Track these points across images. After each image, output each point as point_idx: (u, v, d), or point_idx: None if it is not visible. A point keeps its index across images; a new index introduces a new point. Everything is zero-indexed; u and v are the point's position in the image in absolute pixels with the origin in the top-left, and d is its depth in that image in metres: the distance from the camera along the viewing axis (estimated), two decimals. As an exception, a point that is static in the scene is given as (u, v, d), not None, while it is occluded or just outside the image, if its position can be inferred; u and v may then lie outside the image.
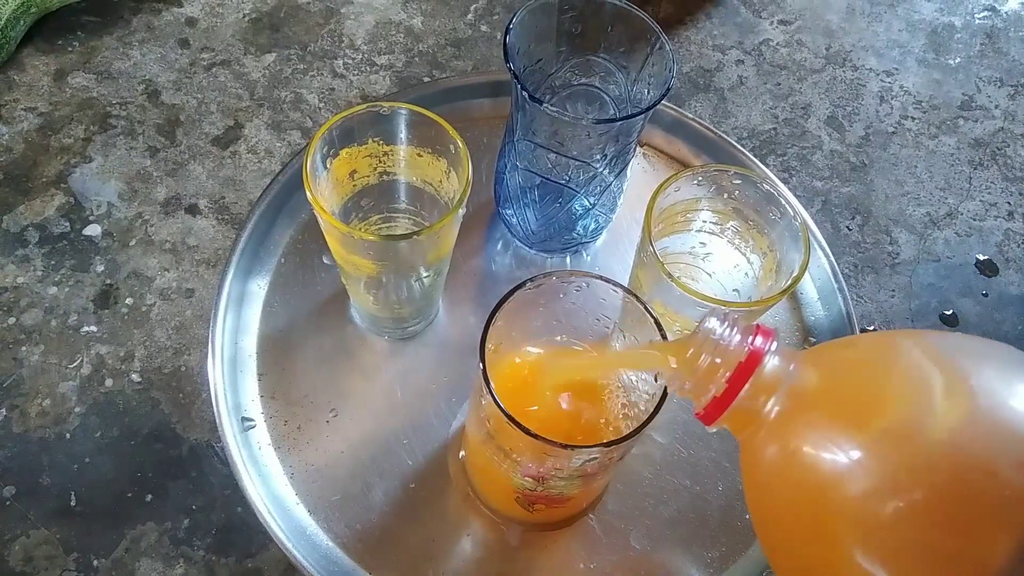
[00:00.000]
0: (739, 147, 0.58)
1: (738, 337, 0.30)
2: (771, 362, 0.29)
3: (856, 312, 0.54)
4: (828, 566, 0.27)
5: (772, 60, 0.70)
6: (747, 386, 0.29)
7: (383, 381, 0.51)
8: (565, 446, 0.32)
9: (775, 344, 0.30)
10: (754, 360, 0.29)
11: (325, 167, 0.41)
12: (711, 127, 0.59)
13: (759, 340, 0.30)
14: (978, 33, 0.74)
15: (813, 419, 0.28)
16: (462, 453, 0.48)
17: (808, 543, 0.28)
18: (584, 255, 0.56)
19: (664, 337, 0.35)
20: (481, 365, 0.34)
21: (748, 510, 0.32)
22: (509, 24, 0.42)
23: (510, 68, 0.42)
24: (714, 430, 0.31)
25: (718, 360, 0.30)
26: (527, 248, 0.55)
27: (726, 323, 0.31)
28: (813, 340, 0.54)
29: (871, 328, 0.59)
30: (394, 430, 0.50)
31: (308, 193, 0.38)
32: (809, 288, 0.56)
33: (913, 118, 0.69)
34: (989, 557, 0.24)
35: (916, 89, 0.70)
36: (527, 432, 0.32)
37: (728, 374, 0.30)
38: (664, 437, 0.51)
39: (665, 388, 0.34)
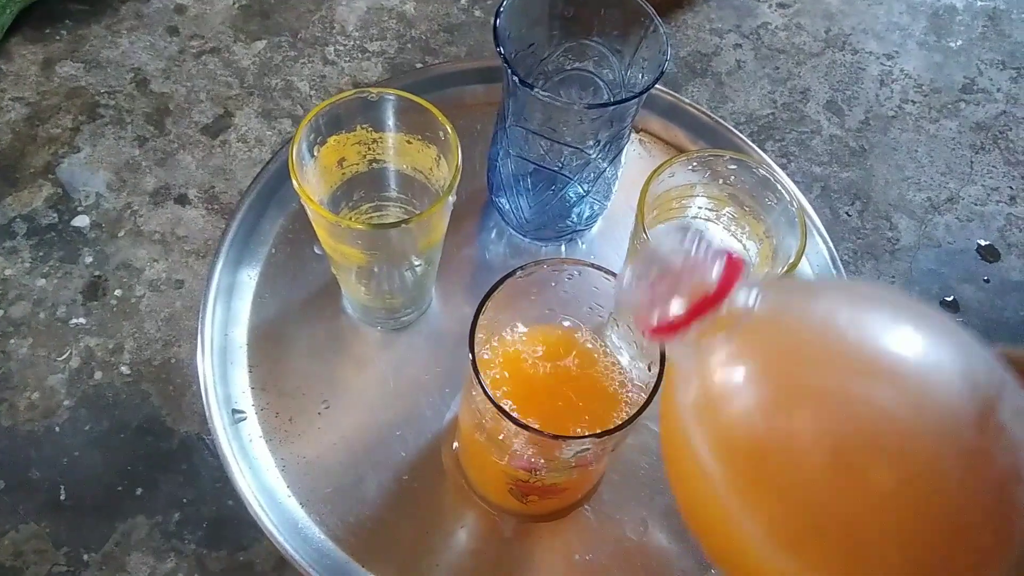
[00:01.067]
0: (737, 132, 0.58)
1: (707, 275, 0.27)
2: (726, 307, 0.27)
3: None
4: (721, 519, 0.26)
5: (770, 44, 0.69)
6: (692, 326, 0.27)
7: (376, 372, 0.51)
8: (556, 437, 0.32)
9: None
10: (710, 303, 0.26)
11: (312, 155, 0.41)
12: (708, 112, 0.58)
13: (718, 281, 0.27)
14: (980, 15, 0.73)
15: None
16: (455, 444, 0.48)
17: (693, 476, 0.27)
18: (579, 243, 0.55)
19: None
20: (471, 356, 0.34)
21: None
22: (500, 8, 0.41)
23: (500, 53, 0.41)
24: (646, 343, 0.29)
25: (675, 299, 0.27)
26: (521, 236, 0.55)
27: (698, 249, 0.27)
28: (812, 328, 0.54)
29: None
30: (387, 421, 0.49)
31: (295, 182, 0.38)
32: (808, 274, 0.55)
33: (914, 102, 0.68)
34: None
35: (917, 72, 0.69)
36: (517, 423, 0.32)
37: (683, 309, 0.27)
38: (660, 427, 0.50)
39: (658, 376, 0.34)
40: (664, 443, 0.29)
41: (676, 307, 0.27)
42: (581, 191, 0.49)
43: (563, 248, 0.55)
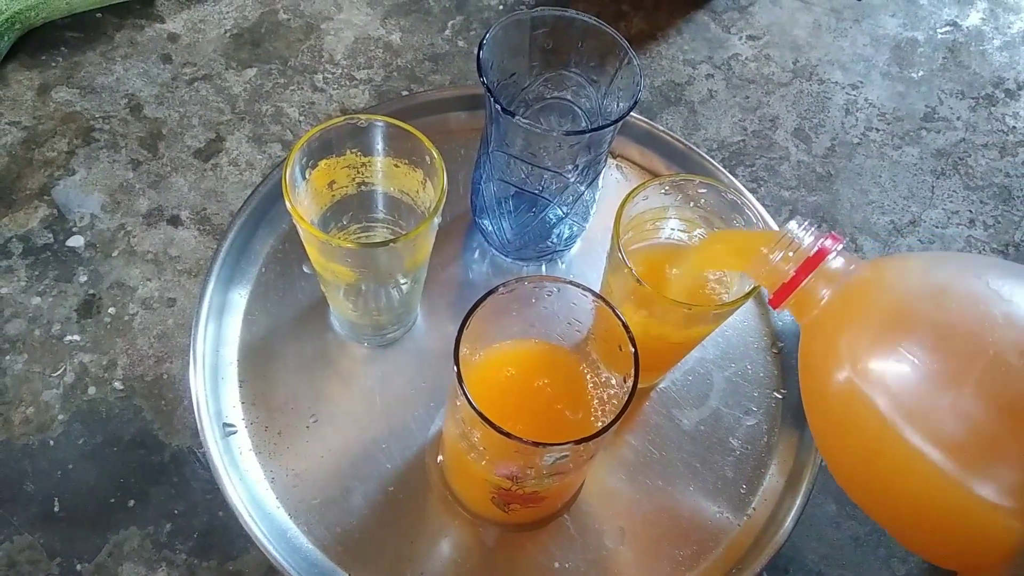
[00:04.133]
0: (709, 158, 0.60)
1: (811, 239, 0.36)
2: (834, 261, 0.35)
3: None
4: (865, 444, 0.31)
5: (741, 74, 0.72)
6: (810, 277, 0.35)
7: (362, 387, 0.53)
8: (536, 444, 0.33)
9: (841, 247, 0.36)
10: (820, 256, 0.35)
11: (304, 178, 0.43)
12: (682, 139, 0.61)
13: (828, 242, 0.36)
14: (940, 47, 0.77)
15: (860, 310, 0.33)
16: (440, 457, 0.50)
17: (844, 420, 0.32)
18: (559, 263, 0.58)
19: (632, 341, 0.37)
20: (455, 367, 0.35)
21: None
22: (483, 40, 0.44)
23: (483, 82, 0.43)
24: (781, 312, 0.38)
25: (791, 254, 0.36)
26: (503, 256, 0.57)
27: (803, 226, 0.37)
28: (781, 344, 0.56)
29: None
30: (373, 435, 0.51)
31: (287, 203, 0.40)
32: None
33: (877, 129, 0.71)
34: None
35: (880, 102, 0.73)
36: (498, 430, 0.33)
37: (796, 265, 0.36)
38: (637, 440, 0.52)
39: (632, 389, 0.36)
40: (819, 411, 0.35)
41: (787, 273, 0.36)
42: (560, 213, 0.51)
43: (543, 268, 0.57)
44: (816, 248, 0.36)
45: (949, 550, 0.32)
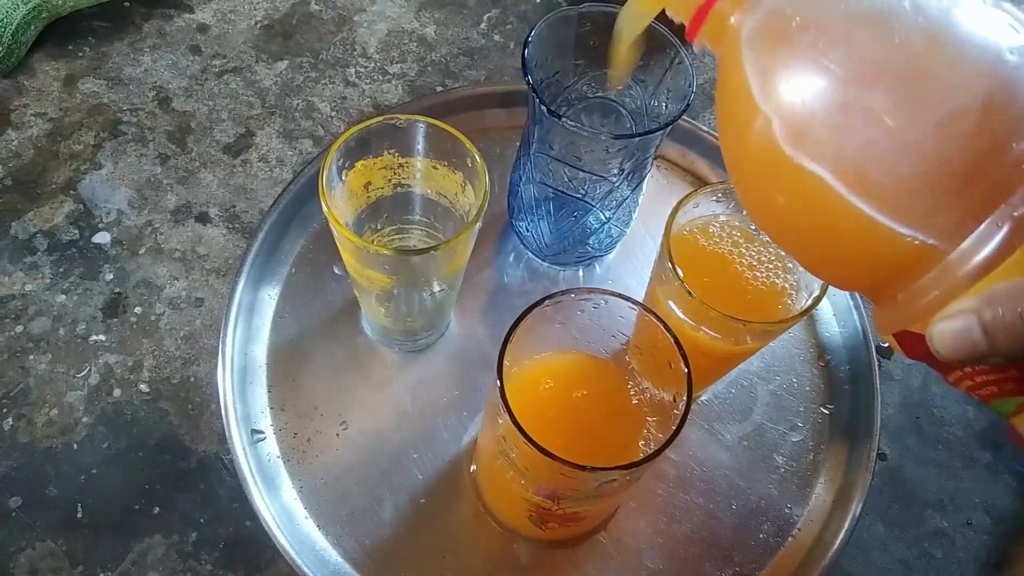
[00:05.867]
0: (754, 161, 0.58)
1: None
2: None
3: (871, 328, 0.53)
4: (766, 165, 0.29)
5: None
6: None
7: (393, 393, 0.51)
8: (585, 468, 0.32)
9: None
10: None
11: (340, 179, 0.41)
12: (726, 140, 0.59)
13: None
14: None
15: (772, 27, 0.30)
16: (473, 467, 0.48)
17: (748, 140, 0.29)
18: (596, 268, 0.56)
19: (685, 360, 0.35)
20: (499, 383, 0.34)
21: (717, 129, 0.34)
22: (528, 36, 0.42)
23: (528, 81, 0.41)
24: (698, 49, 0.34)
25: None
26: (540, 260, 0.55)
27: None
28: (828, 357, 0.54)
29: (886, 345, 0.58)
30: (404, 443, 0.49)
31: (324, 206, 0.38)
32: (824, 305, 0.56)
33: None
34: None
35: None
36: (547, 454, 0.32)
37: None
38: (677, 455, 0.50)
39: (684, 412, 0.34)
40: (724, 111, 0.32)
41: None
42: (603, 217, 0.49)
43: (581, 273, 0.55)
44: None
45: (854, 273, 0.30)
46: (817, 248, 0.30)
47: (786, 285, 0.43)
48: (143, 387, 0.51)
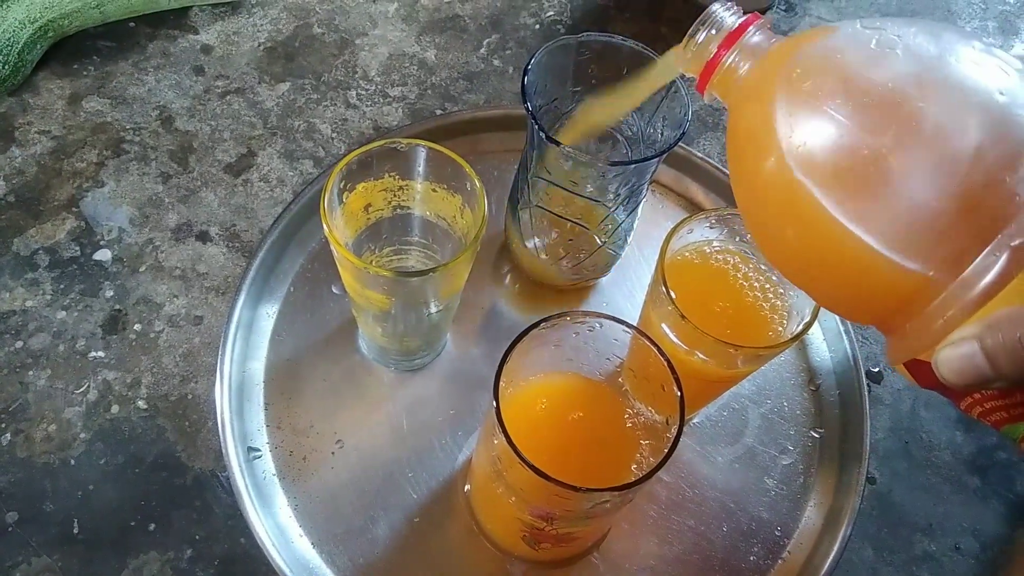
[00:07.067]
0: (747, 187, 0.59)
1: (733, 17, 0.35)
2: (755, 36, 0.34)
3: (862, 354, 0.54)
4: (782, 206, 0.30)
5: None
6: (732, 52, 0.34)
7: (389, 412, 0.51)
8: (579, 489, 0.32)
9: (762, 22, 0.35)
10: (741, 30, 0.34)
11: (341, 201, 0.42)
12: (720, 166, 0.60)
13: (749, 17, 0.35)
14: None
15: (774, 73, 0.31)
16: (467, 487, 0.48)
17: (762, 181, 0.31)
18: (591, 290, 0.56)
19: (678, 384, 0.35)
20: (495, 403, 0.34)
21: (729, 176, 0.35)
22: (528, 64, 0.43)
23: (528, 108, 0.42)
24: (707, 100, 0.36)
25: (714, 32, 0.35)
26: (535, 282, 0.55)
27: (725, 6, 0.35)
28: (818, 382, 0.55)
29: (876, 370, 0.59)
30: (399, 462, 0.50)
31: (325, 227, 0.39)
32: (815, 330, 0.56)
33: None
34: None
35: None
36: (541, 474, 0.32)
37: (719, 42, 0.34)
38: (670, 476, 0.51)
39: (677, 435, 0.34)
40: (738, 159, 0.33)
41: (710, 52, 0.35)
42: (598, 241, 0.50)
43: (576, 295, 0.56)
44: (738, 23, 0.34)
45: (862, 306, 0.31)
46: (826, 282, 0.31)
47: (778, 311, 0.43)
48: (141, 404, 0.52)
